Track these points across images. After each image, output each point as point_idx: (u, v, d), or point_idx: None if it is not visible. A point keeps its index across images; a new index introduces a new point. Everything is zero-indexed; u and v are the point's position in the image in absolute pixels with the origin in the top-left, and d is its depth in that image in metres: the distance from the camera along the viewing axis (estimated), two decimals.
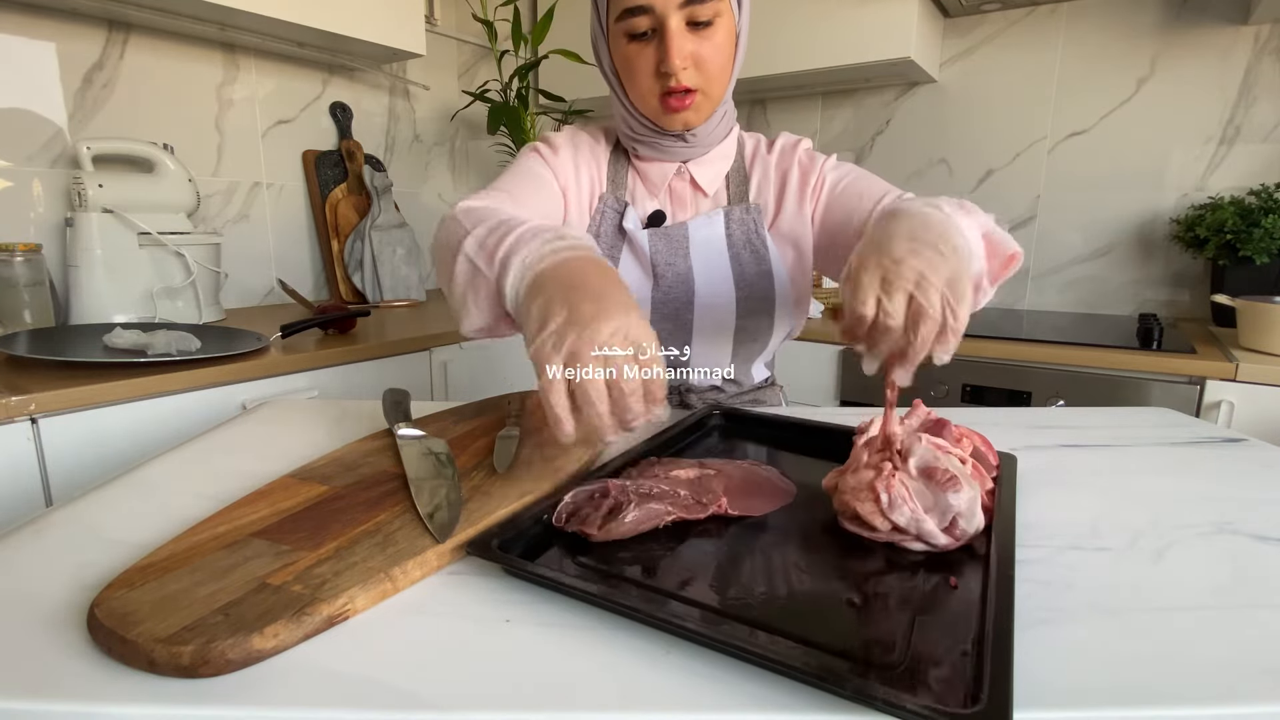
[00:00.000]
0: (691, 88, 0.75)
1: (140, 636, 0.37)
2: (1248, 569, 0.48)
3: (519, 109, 2.02)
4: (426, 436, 0.69)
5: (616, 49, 0.77)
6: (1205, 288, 1.70)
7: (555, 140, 0.86)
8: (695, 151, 0.84)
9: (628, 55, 0.76)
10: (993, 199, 1.93)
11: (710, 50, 0.74)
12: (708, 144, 0.84)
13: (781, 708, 0.35)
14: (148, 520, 0.54)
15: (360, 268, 1.89)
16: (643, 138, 0.83)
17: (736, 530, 0.55)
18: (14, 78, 1.41)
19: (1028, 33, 1.83)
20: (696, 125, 0.79)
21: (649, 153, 0.85)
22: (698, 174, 0.86)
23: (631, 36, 0.74)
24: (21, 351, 1.09)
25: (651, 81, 0.76)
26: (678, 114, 0.77)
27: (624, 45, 0.76)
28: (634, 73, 0.76)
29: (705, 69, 0.75)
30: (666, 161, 0.85)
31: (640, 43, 0.74)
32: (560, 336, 0.47)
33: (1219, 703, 0.35)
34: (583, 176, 0.86)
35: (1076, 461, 0.70)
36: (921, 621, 0.42)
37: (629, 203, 0.86)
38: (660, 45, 0.73)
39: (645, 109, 0.79)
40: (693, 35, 0.73)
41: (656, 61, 0.74)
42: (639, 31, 0.74)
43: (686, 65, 0.73)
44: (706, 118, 0.79)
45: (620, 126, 0.86)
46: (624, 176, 0.88)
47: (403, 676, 0.37)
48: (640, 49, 0.75)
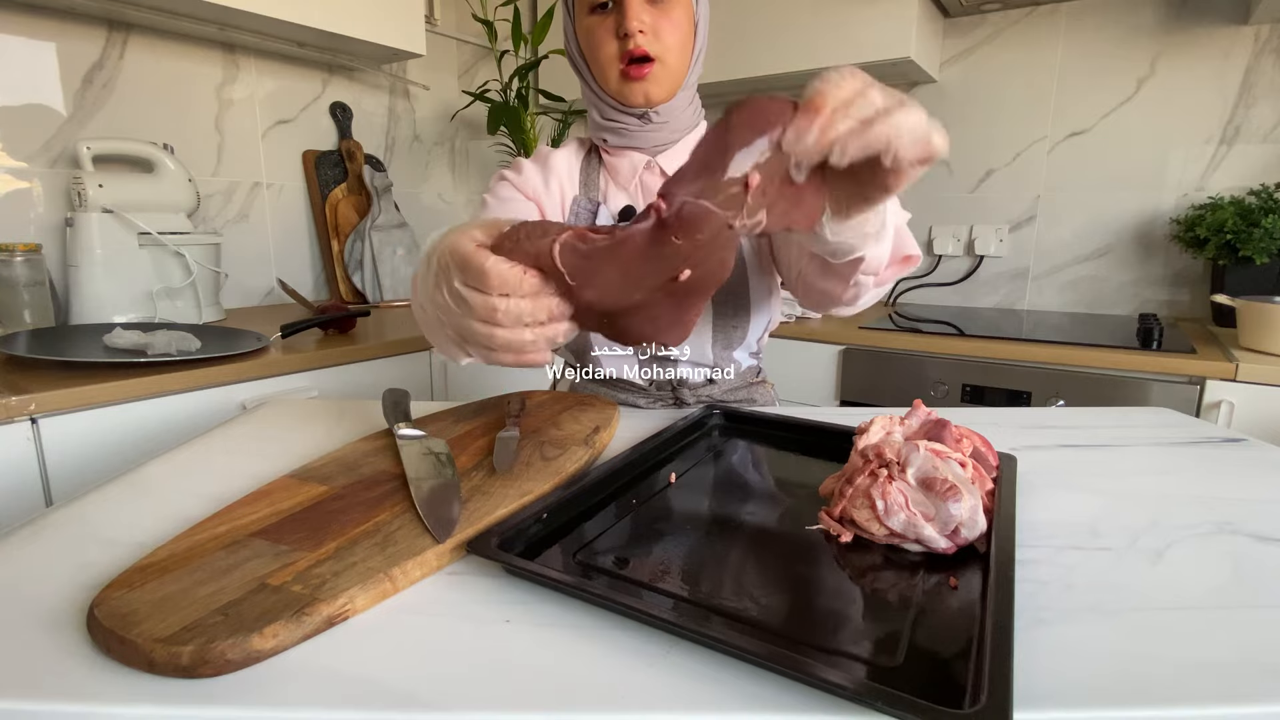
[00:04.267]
0: (650, 55, 0.78)
1: (140, 636, 0.37)
2: (1248, 569, 0.48)
3: (519, 109, 2.02)
4: (426, 436, 0.69)
5: (580, 26, 0.82)
6: (1205, 288, 1.70)
7: (520, 163, 0.90)
8: (662, 136, 0.86)
9: (589, 26, 0.80)
10: (993, 199, 1.93)
11: (668, 24, 0.79)
12: (674, 129, 0.86)
13: (781, 708, 0.35)
14: (147, 520, 0.54)
15: (360, 268, 1.89)
16: (610, 120, 0.85)
17: (737, 530, 0.55)
18: (14, 78, 1.41)
19: (1028, 33, 1.83)
20: (658, 99, 0.82)
21: (617, 141, 0.86)
22: (667, 165, 0.87)
23: (593, 9, 0.80)
24: (21, 351, 1.09)
25: (612, 49, 0.79)
26: (637, 83, 0.80)
27: (586, 18, 0.81)
28: (596, 46, 0.80)
29: (662, 38, 0.79)
30: (635, 151, 0.87)
31: (601, 14, 0.80)
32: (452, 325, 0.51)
33: (1219, 703, 0.35)
34: (552, 185, 0.88)
35: (1076, 461, 0.70)
36: (921, 621, 0.42)
37: (601, 202, 0.88)
38: (619, 13, 0.78)
39: (607, 84, 0.82)
40: (650, 7, 0.78)
41: (615, 28, 0.78)
42: (600, 2, 0.79)
43: (643, 29, 0.78)
44: (667, 93, 0.82)
45: (590, 117, 0.89)
46: (595, 178, 0.90)
47: (403, 676, 0.37)
48: (602, 19, 0.80)
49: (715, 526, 0.55)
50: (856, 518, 0.52)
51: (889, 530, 0.50)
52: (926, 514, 0.50)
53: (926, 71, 1.83)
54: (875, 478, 0.52)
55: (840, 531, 0.53)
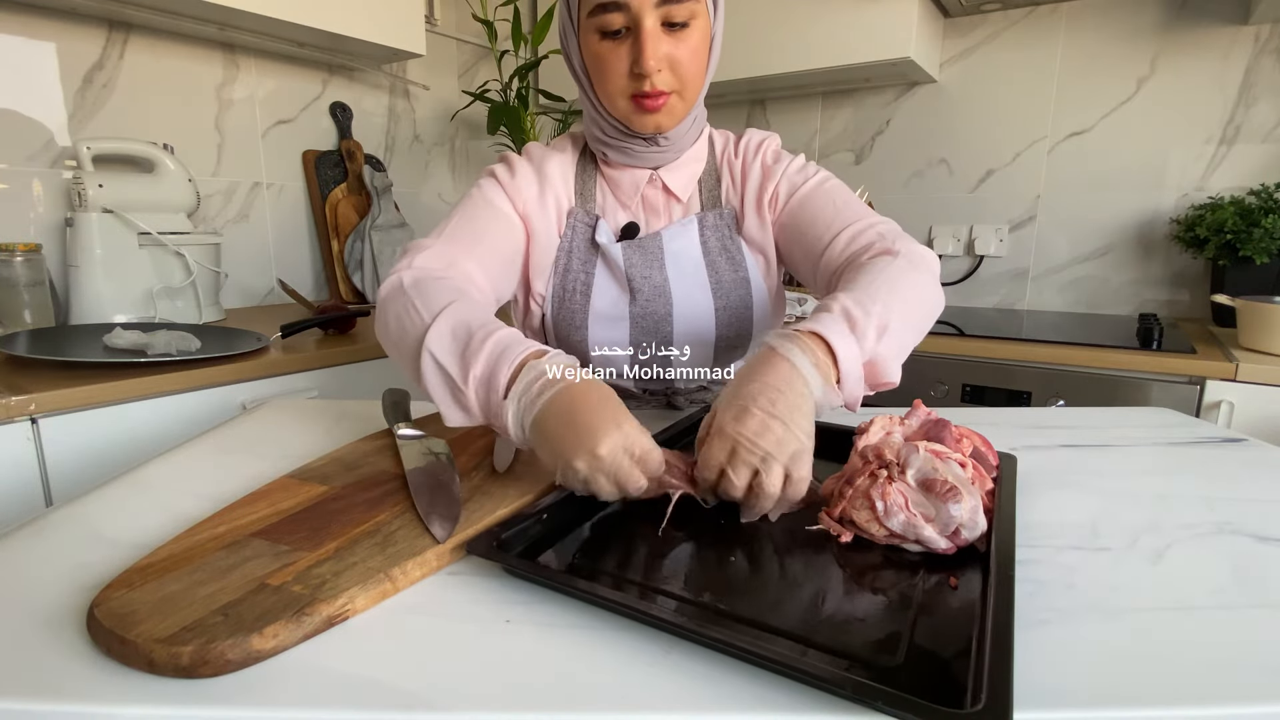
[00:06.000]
0: (665, 91, 0.73)
1: (140, 637, 0.37)
2: (1248, 569, 0.48)
3: (519, 109, 2.02)
4: (426, 436, 0.69)
5: (587, 46, 0.74)
6: (1205, 288, 1.70)
7: (515, 162, 0.84)
8: (666, 157, 0.81)
9: (599, 53, 0.73)
10: (993, 199, 1.93)
11: (686, 53, 0.72)
12: (679, 149, 0.82)
13: (781, 708, 0.35)
14: (147, 520, 0.54)
15: (360, 268, 1.89)
16: (611, 140, 0.80)
17: (737, 530, 0.55)
18: (14, 78, 1.41)
19: (1028, 33, 1.83)
20: (668, 128, 0.76)
21: (619, 158, 0.81)
22: (670, 180, 0.83)
23: (604, 34, 0.72)
24: (21, 351, 1.09)
25: (624, 82, 0.73)
26: (650, 116, 0.74)
27: (595, 43, 0.72)
28: (605, 72, 0.73)
29: (680, 72, 0.72)
30: (637, 168, 0.82)
31: (613, 41, 0.72)
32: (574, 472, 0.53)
33: (1219, 703, 0.35)
34: (547, 198, 0.82)
35: (1076, 461, 0.70)
36: (921, 621, 0.42)
37: (600, 216, 0.84)
38: (635, 45, 0.70)
39: (615, 110, 0.76)
40: (668, 36, 0.71)
41: (630, 62, 0.71)
42: (612, 29, 0.71)
43: (661, 67, 0.71)
44: (679, 121, 0.77)
45: (589, 128, 0.83)
46: (592, 188, 0.85)
47: (403, 676, 0.37)
48: (613, 47, 0.72)
49: (715, 527, 0.55)
50: (856, 518, 0.52)
51: (889, 531, 0.50)
52: (926, 515, 0.50)
53: (926, 71, 1.83)
54: (875, 479, 0.52)
55: (840, 532, 0.53)
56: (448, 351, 0.60)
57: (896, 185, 2.05)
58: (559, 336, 0.85)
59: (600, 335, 0.83)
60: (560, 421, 0.53)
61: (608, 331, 0.83)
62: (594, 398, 0.54)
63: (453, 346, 0.60)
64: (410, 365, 0.63)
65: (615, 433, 0.52)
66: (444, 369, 0.60)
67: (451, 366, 0.59)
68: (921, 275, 0.70)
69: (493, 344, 0.58)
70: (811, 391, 0.56)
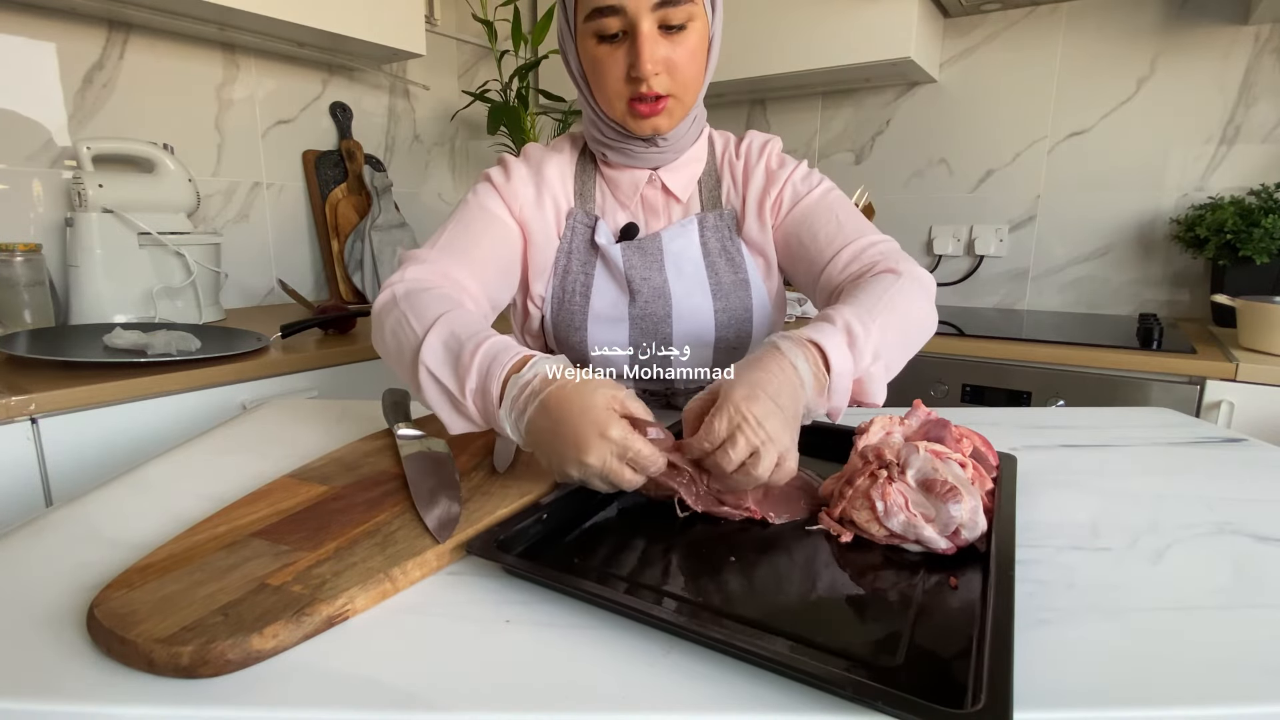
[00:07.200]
0: (663, 94, 0.72)
1: (140, 637, 0.37)
2: (1248, 569, 0.48)
3: (519, 109, 2.02)
4: (426, 436, 0.69)
5: (585, 50, 0.74)
6: (1205, 288, 1.70)
7: (512, 166, 0.83)
8: (665, 158, 0.81)
9: (597, 57, 0.72)
10: (993, 199, 1.93)
11: (684, 55, 0.71)
12: (678, 149, 0.81)
13: (781, 708, 0.35)
14: (147, 520, 0.54)
15: (360, 268, 1.89)
16: (610, 142, 0.80)
17: (737, 530, 0.55)
18: (14, 78, 1.41)
19: (1028, 33, 1.83)
20: (666, 130, 0.76)
21: (618, 159, 0.81)
22: (669, 180, 0.83)
23: (601, 38, 0.71)
24: (21, 351, 1.09)
25: (621, 86, 0.72)
26: (647, 119, 0.74)
27: (593, 46, 0.72)
28: (603, 76, 0.73)
29: (678, 75, 0.72)
30: (636, 169, 0.82)
31: (610, 45, 0.71)
32: (569, 475, 0.54)
33: (1219, 703, 0.35)
34: (545, 200, 0.82)
35: (1076, 461, 0.70)
36: (921, 621, 0.42)
37: (599, 216, 0.84)
38: (632, 49, 0.70)
39: (613, 113, 0.76)
40: (665, 39, 0.70)
41: (627, 65, 0.71)
42: (609, 33, 0.71)
43: (659, 71, 0.71)
44: (677, 124, 0.76)
45: (588, 129, 0.83)
46: (591, 189, 0.85)
47: (403, 676, 0.37)
48: (610, 51, 0.71)
49: (715, 527, 0.55)
50: (856, 519, 0.52)
51: (889, 531, 0.50)
52: (926, 515, 0.50)
53: (926, 71, 1.83)
54: (875, 479, 0.52)
55: (840, 532, 0.53)
56: (442, 364, 0.61)
57: (896, 185, 2.05)
58: (558, 338, 0.85)
59: (600, 336, 0.83)
60: (549, 432, 0.54)
61: (607, 332, 0.83)
62: (576, 406, 0.54)
63: (446, 359, 0.61)
64: (409, 379, 0.65)
65: (600, 443, 0.52)
66: (441, 383, 0.61)
67: (448, 380, 0.60)
68: (920, 299, 0.72)
69: (482, 355, 0.59)
70: (805, 396, 0.58)
